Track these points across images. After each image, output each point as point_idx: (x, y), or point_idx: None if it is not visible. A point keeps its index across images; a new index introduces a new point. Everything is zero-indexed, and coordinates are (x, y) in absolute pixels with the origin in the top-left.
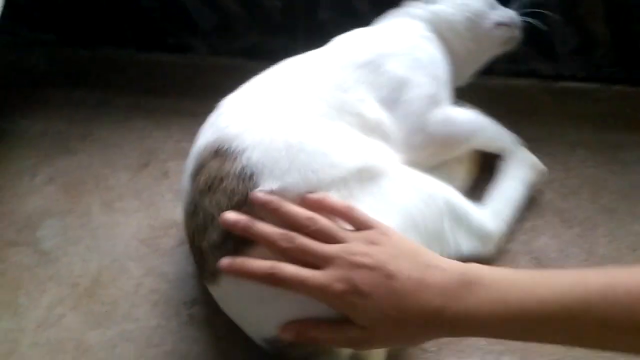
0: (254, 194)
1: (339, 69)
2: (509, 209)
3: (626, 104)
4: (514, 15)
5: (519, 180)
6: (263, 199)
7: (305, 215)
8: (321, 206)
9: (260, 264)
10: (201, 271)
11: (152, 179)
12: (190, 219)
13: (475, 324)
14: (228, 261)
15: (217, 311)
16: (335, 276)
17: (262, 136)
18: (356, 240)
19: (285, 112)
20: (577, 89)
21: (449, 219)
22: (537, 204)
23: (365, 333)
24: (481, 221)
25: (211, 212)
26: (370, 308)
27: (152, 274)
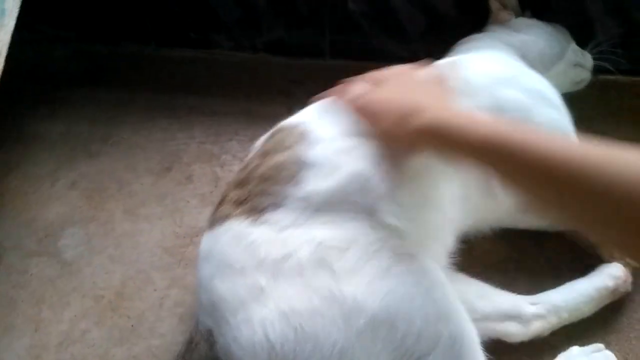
0: None
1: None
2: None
3: None
4: (590, 58)
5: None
6: None
7: None
8: None
9: None
10: None
11: (176, 184)
12: None
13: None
14: None
15: None
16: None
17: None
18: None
19: None
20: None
21: (440, 354)
22: None
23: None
24: None
25: None
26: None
27: (177, 285)
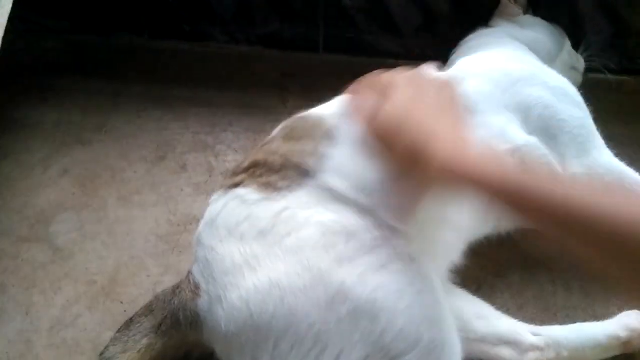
0: None
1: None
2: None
3: None
4: (582, 61)
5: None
6: None
7: None
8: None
9: None
10: None
11: (170, 172)
12: None
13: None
14: None
15: None
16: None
17: None
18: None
19: None
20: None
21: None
22: None
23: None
24: None
25: None
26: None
27: (171, 272)
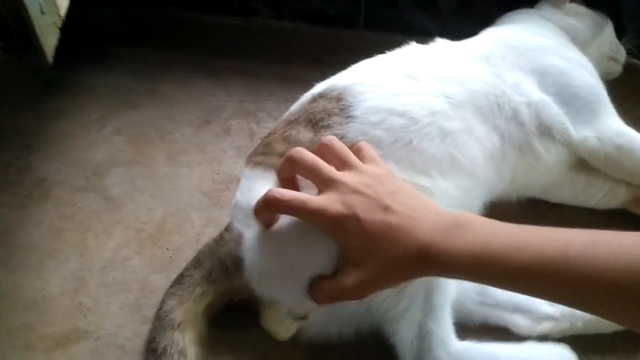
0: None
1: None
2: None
3: None
4: (624, 52)
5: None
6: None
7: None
8: (331, 143)
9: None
10: None
11: (215, 136)
12: None
13: (459, 263)
14: None
15: None
16: (336, 199)
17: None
18: (362, 172)
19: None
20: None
21: (422, 302)
22: None
23: (358, 273)
24: (440, 334)
25: None
26: (362, 236)
27: (213, 224)
